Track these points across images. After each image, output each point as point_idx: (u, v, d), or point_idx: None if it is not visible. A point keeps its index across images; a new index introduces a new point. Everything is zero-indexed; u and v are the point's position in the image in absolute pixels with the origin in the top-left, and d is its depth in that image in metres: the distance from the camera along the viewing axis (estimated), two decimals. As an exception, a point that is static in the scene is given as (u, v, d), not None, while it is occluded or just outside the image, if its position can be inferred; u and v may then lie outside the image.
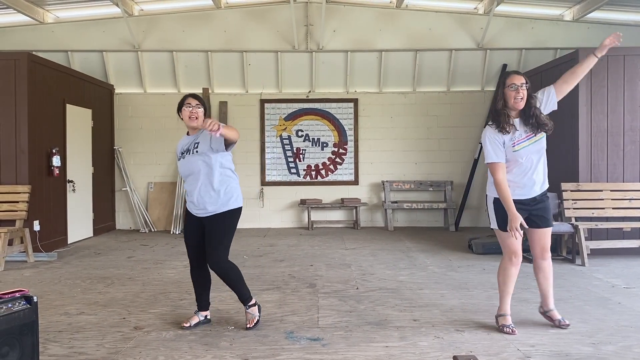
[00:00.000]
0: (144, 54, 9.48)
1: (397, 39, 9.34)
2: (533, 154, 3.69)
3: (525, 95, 3.66)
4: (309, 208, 9.62)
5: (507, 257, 3.81)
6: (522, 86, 3.65)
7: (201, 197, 3.77)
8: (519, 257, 3.78)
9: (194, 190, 3.81)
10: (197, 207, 3.82)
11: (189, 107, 3.83)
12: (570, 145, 6.94)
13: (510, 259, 3.79)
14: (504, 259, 3.84)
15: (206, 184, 3.77)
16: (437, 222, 9.92)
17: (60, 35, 9.20)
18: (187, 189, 3.90)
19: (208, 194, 3.77)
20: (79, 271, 6.06)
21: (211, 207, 3.78)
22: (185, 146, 3.88)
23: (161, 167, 9.86)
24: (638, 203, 6.65)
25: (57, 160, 7.42)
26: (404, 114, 9.91)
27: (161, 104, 9.81)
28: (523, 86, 3.65)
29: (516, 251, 3.77)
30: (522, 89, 3.65)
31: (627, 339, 3.64)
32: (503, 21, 9.20)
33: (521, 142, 3.68)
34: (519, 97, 3.64)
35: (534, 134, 3.68)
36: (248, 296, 3.95)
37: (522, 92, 3.65)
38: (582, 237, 6.29)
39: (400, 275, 5.76)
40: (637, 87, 6.82)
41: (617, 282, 5.37)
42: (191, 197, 3.85)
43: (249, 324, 3.91)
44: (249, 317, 3.94)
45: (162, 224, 9.71)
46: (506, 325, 3.79)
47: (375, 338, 3.71)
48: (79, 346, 3.58)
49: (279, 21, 9.27)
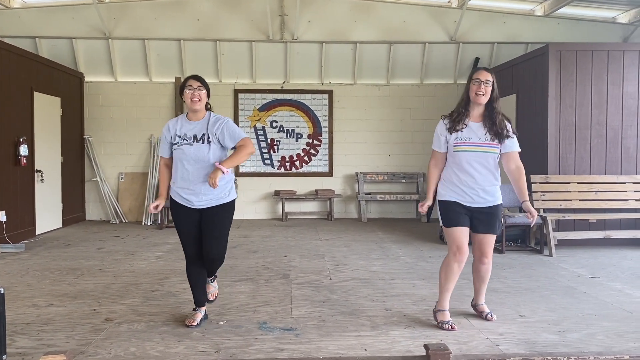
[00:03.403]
0: (115, 41, 9.29)
1: (372, 31, 9.36)
2: (475, 162, 3.63)
3: (487, 93, 3.61)
4: (283, 199, 9.61)
5: (452, 252, 3.73)
6: (487, 82, 3.61)
7: (207, 186, 3.61)
8: (462, 254, 3.69)
9: (197, 180, 3.61)
10: (197, 197, 3.64)
11: (190, 90, 3.66)
12: (539, 138, 7.08)
13: (454, 254, 3.71)
14: (448, 254, 3.76)
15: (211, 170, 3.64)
16: (409, 213, 10.03)
17: (27, 21, 8.94)
18: (185, 178, 3.64)
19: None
20: (48, 262, 5.95)
21: (215, 196, 3.67)
22: (188, 132, 3.66)
23: (132, 157, 9.71)
24: (604, 195, 6.83)
25: (24, 149, 7.24)
26: (378, 106, 9.96)
27: (132, 92, 9.65)
28: (488, 83, 3.61)
29: (460, 246, 3.69)
30: (485, 85, 3.61)
31: (591, 327, 3.76)
32: (476, 15, 9.30)
33: (464, 145, 3.64)
34: (480, 92, 3.60)
35: (492, 143, 3.63)
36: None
37: (485, 89, 3.61)
38: (550, 228, 6.45)
39: (373, 265, 5.82)
40: (604, 82, 6.98)
41: (583, 272, 5.53)
42: (191, 185, 3.63)
43: (212, 296, 3.96)
44: (212, 290, 3.97)
45: (133, 215, 9.58)
46: (445, 321, 3.72)
47: (348, 328, 3.75)
48: (47, 338, 3.52)
49: (253, 10, 9.18)
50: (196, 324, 3.76)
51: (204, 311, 3.90)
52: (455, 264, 3.72)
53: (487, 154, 3.65)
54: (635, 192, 6.83)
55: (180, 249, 6.68)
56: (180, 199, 3.70)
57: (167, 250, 6.73)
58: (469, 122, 3.69)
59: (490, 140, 3.65)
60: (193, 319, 3.79)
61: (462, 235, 3.70)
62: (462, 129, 3.67)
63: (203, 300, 3.89)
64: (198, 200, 3.65)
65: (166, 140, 3.78)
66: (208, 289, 3.95)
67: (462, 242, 3.70)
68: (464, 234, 3.72)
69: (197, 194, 3.64)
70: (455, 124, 3.69)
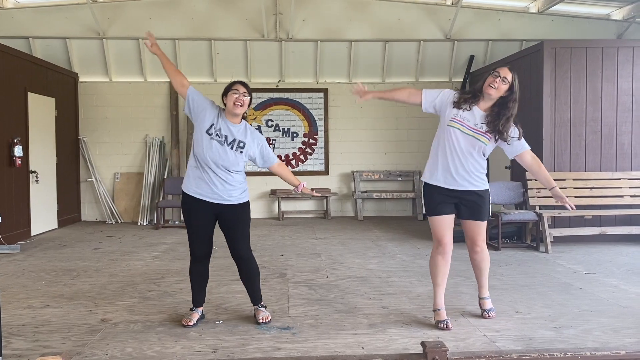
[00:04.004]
0: (109, 41, 9.25)
1: (367, 29, 9.35)
2: (462, 143, 3.57)
3: (500, 89, 3.54)
4: (279, 198, 9.60)
5: (434, 245, 3.71)
6: (504, 80, 3.54)
7: (230, 185, 3.64)
8: (445, 246, 3.65)
9: (216, 177, 3.61)
10: (217, 194, 3.63)
11: (235, 93, 3.64)
12: (534, 135, 7.09)
13: (436, 247, 3.70)
14: (433, 247, 3.73)
15: (238, 174, 3.69)
16: (405, 211, 10.04)
17: (20, 21, 8.89)
18: (204, 172, 3.62)
19: (236, 182, 3.68)
20: (44, 263, 5.92)
21: (237, 195, 3.70)
22: (223, 130, 3.64)
23: (128, 157, 9.68)
24: (599, 192, 6.85)
25: (19, 150, 7.20)
26: (374, 105, 9.94)
27: (127, 92, 9.62)
28: (505, 81, 3.54)
29: (440, 239, 3.65)
30: (502, 82, 3.54)
31: (588, 323, 3.77)
32: (470, 13, 9.31)
33: (459, 124, 3.57)
34: (493, 85, 3.53)
35: (485, 133, 3.58)
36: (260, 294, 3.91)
37: (499, 84, 3.53)
38: (546, 225, 6.46)
39: (370, 263, 5.82)
40: (599, 79, 7.00)
41: (579, 268, 5.54)
42: (211, 181, 3.61)
43: (264, 319, 3.79)
44: (264, 314, 3.82)
45: (129, 215, 9.56)
46: (440, 321, 3.67)
47: (344, 326, 3.75)
48: (43, 339, 3.51)
49: (248, 9, 9.16)
50: (192, 324, 3.74)
51: (201, 311, 3.89)
52: (438, 255, 3.70)
53: (475, 139, 3.58)
54: (630, 189, 6.86)
55: (176, 249, 6.71)
56: (196, 193, 3.67)
57: (163, 250, 6.71)
58: (474, 107, 3.62)
59: (483, 131, 3.58)
60: (189, 319, 3.77)
61: (443, 225, 3.66)
62: (465, 109, 3.60)
63: (201, 300, 3.87)
64: (218, 198, 3.65)
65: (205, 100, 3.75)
66: (258, 314, 3.83)
67: (443, 232, 3.66)
68: (446, 222, 3.67)
69: (219, 190, 3.63)
70: (461, 102, 3.62)
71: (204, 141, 3.62)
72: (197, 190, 3.66)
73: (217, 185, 3.62)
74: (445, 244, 3.68)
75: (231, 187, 3.66)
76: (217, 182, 3.62)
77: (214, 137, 3.63)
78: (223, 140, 3.63)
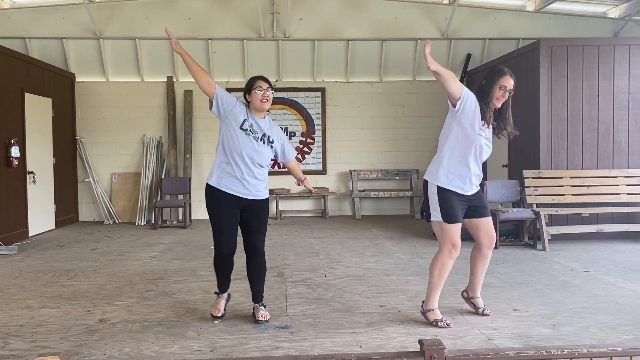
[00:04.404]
0: (106, 41, 9.24)
1: (364, 28, 9.36)
2: (484, 153, 3.66)
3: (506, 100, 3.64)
4: (277, 198, 9.60)
5: (447, 250, 3.67)
6: (511, 93, 3.61)
7: (258, 180, 3.71)
8: (458, 250, 3.69)
9: (249, 172, 3.65)
10: (247, 190, 3.67)
11: (260, 90, 3.69)
12: (531, 133, 7.11)
13: (449, 252, 3.67)
14: (443, 252, 3.68)
15: (265, 169, 3.77)
16: (403, 210, 10.05)
17: (17, 21, 8.88)
18: (237, 168, 3.64)
19: (263, 177, 3.76)
20: (41, 264, 5.92)
21: (263, 190, 3.78)
22: (254, 126, 3.69)
23: (125, 158, 9.67)
24: (596, 189, 6.87)
25: (15, 150, 7.19)
26: (371, 104, 9.97)
27: (124, 92, 9.61)
28: (511, 93, 3.61)
29: (456, 244, 3.66)
30: (509, 94, 3.61)
31: (585, 320, 3.78)
32: (467, 11, 9.32)
33: (484, 136, 3.64)
34: (502, 100, 3.60)
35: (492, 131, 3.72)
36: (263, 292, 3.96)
37: (506, 97, 3.61)
38: (543, 222, 6.47)
39: (368, 262, 5.82)
40: (595, 77, 7.02)
41: (576, 266, 5.56)
42: (243, 177, 3.64)
43: (263, 318, 3.80)
44: (263, 313, 3.83)
45: (126, 215, 9.55)
46: (439, 319, 3.69)
47: (342, 325, 3.75)
48: (41, 340, 3.51)
49: (245, 9, 9.16)
50: (221, 314, 3.84)
51: (227, 296, 3.97)
52: (450, 260, 3.71)
53: (489, 150, 3.70)
54: (627, 186, 6.88)
55: (174, 249, 6.71)
56: (228, 189, 3.67)
57: (161, 250, 6.71)
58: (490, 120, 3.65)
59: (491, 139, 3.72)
60: (217, 309, 3.86)
61: (458, 232, 3.71)
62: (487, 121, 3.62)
63: (227, 287, 3.96)
64: (247, 192, 3.69)
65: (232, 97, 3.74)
66: (258, 312, 3.84)
67: (458, 239, 3.70)
68: (459, 230, 3.73)
69: (250, 185, 3.69)
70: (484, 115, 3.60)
71: (239, 137, 3.65)
72: (229, 186, 3.68)
73: (248, 181, 3.68)
74: (459, 248, 3.70)
75: (259, 182, 3.74)
76: (249, 177, 3.68)
77: (249, 132, 3.67)
78: (257, 135, 3.69)
